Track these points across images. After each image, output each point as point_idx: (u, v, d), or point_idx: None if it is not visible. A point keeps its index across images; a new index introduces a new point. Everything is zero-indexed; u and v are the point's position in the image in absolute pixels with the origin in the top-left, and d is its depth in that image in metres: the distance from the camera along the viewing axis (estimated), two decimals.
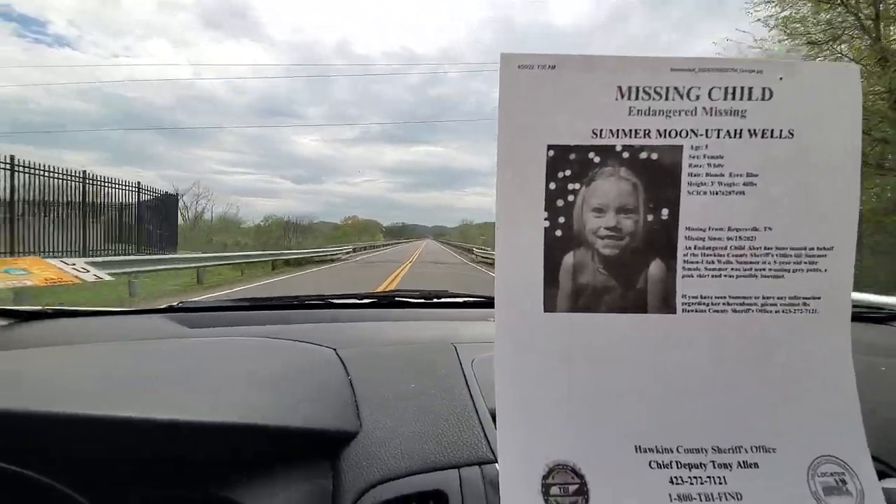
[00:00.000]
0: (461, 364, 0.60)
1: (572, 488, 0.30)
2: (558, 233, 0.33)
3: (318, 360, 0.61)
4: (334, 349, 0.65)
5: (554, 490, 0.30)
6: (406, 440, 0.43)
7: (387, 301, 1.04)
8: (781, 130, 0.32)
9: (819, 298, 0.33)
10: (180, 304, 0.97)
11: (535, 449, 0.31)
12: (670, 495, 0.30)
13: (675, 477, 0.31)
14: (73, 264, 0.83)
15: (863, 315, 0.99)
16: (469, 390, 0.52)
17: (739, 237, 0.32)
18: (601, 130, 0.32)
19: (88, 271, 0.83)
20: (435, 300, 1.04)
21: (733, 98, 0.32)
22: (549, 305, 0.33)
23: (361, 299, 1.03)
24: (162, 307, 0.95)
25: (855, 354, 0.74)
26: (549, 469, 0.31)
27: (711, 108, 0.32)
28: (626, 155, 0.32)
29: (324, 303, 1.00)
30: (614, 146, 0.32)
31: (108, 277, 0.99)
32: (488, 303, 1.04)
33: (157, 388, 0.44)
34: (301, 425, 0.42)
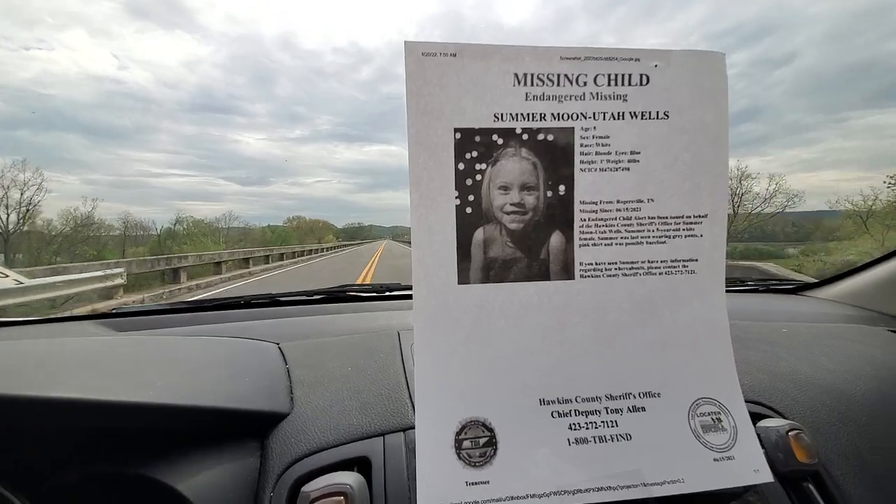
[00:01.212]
0: (401, 347, 0.61)
1: (483, 441, 0.33)
2: (468, 210, 0.35)
3: (256, 353, 0.60)
4: (277, 343, 0.65)
5: (466, 444, 0.33)
6: (335, 416, 0.45)
7: (336, 296, 1.03)
8: (658, 112, 0.36)
9: (696, 260, 0.38)
10: (113, 310, 0.92)
11: (449, 409, 0.34)
12: (569, 440, 0.34)
13: (574, 424, 0.35)
14: None
15: (776, 287, 1.10)
16: (404, 368, 0.54)
17: (627, 208, 0.36)
18: (502, 114, 0.35)
19: (7, 276, 0.78)
20: (386, 293, 1.05)
21: (616, 84, 0.36)
22: (463, 278, 0.35)
23: (311, 296, 1.01)
24: (94, 313, 0.90)
25: (765, 321, 0.83)
26: (461, 426, 0.34)
27: (597, 93, 0.36)
28: (525, 137, 0.35)
29: (270, 301, 0.98)
30: (514, 129, 0.35)
31: (29, 282, 0.92)
32: None
33: (75, 371, 0.42)
34: (226, 405, 0.42)
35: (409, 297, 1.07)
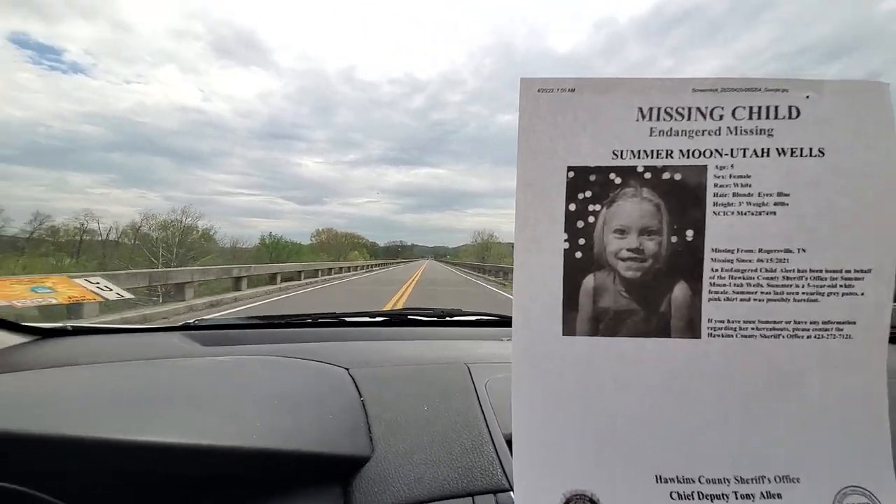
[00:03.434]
0: (475, 385, 0.59)
1: None
2: (578, 255, 0.32)
3: (331, 381, 0.60)
4: (347, 368, 0.65)
5: None
6: (419, 466, 0.43)
7: (399, 319, 1.04)
8: (811, 149, 0.31)
9: (854, 323, 0.32)
10: (195, 322, 0.98)
11: (551, 477, 0.30)
12: None
13: None
14: (98, 283, 0.85)
15: None
16: (483, 414, 0.51)
17: (771, 259, 0.31)
18: (622, 151, 0.32)
19: (112, 290, 0.85)
20: (447, 319, 1.04)
21: (759, 117, 0.31)
22: (569, 329, 0.32)
23: (374, 317, 1.03)
24: (178, 325, 0.96)
25: (890, 379, 0.70)
26: (566, 499, 0.30)
27: (736, 128, 0.31)
28: (647, 175, 0.32)
29: (336, 321, 1.00)
30: (635, 167, 0.32)
31: (129, 295, 1.01)
32: (501, 322, 1.04)
33: (169, 409, 0.44)
34: (313, 450, 0.41)
35: (471, 324, 1.04)
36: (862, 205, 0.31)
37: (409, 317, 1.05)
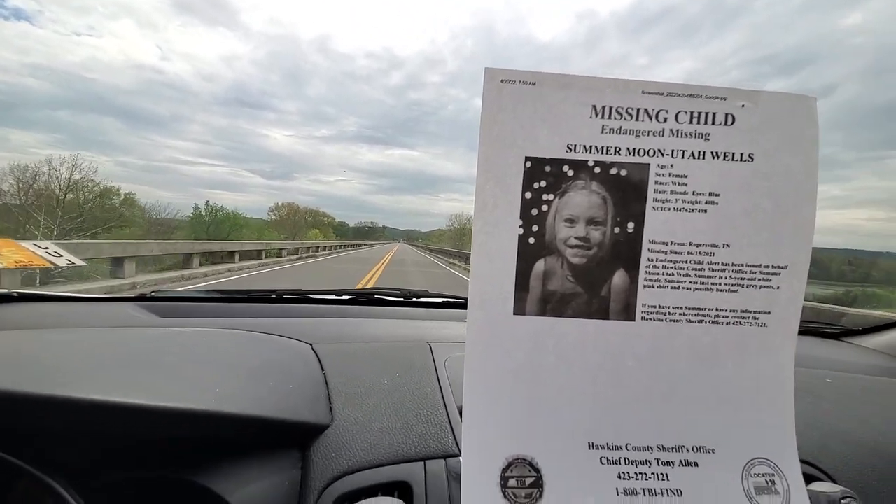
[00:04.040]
0: (434, 362, 0.61)
1: (529, 481, 0.32)
2: (531, 240, 0.34)
3: (293, 354, 0.61)
4: (310, 344, 0.66)
5: (511, 482, 0.32)
6: (375, 434, 0.45)
7: (366, 299, 1.05)
8: (742, 154, 0.34)
9: (769, 313, 0.36)
10: (152, 294, 0.95)
11: (496, 443, 0.33)
12: (617, 489, 0.33)
13: (623, 472, 0.33)
14: (46, 248, 0.81)
15: (818, 330, 1.04)
16: (440, 387, 0.54)
17: (699, 252, 0.35)
18: (575, 146, 0.34)
19: (61, 256, 0.82)
20: (414, 299, 1.06)
21: (698, 122, 0.34)
22: (519, 308, 0.34)
23: (340, 296, 1.03)
24: (133, 296, 0.93)
25: (807, 367, 0.78)
26: (508, 462, 0.33)
27: (678, 131, 0.34)
28: (597, 170, 0.34)
29: (301, 298, 1.00)
30: (587, 161, 0.34)
31: (80, 263, 0.97)
32: (465, 304, 1.05)
33: (128, 372, 0.44)
34: (273, 416, 0.43)
35: (438, 305, 1.06)
36: (783, 208, 0.35)
37: (377, 296, 1.06)
